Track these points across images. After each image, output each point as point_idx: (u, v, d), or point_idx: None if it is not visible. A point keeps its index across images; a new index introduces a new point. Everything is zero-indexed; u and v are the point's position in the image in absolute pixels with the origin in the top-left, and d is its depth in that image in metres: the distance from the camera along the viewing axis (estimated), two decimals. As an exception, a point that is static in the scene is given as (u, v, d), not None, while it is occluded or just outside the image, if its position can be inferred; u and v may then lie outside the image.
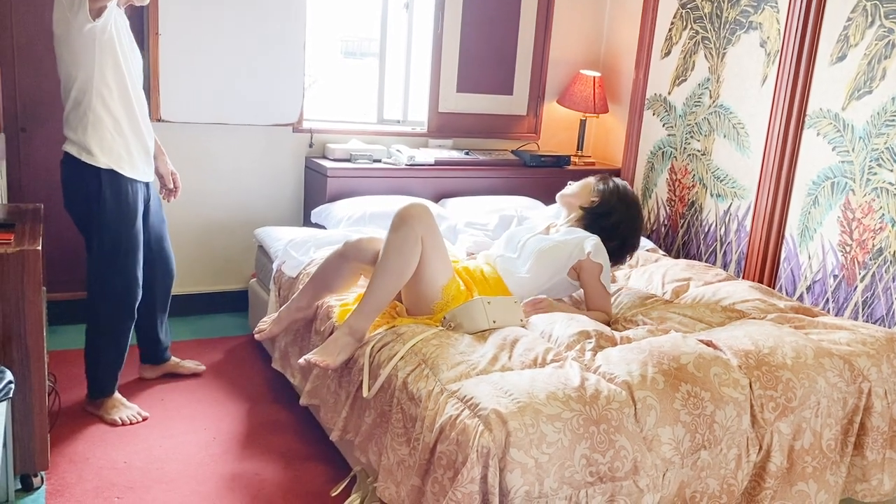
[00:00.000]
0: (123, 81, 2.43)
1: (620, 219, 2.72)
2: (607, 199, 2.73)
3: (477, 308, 2.30)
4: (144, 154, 2.56)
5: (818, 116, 3.19)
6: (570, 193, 2.80)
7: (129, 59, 2.46)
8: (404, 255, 2.30)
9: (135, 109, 2.49)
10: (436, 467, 1.81)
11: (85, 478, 2.33)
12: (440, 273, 2.38)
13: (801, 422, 2.13)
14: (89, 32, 2.30)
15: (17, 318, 2.09)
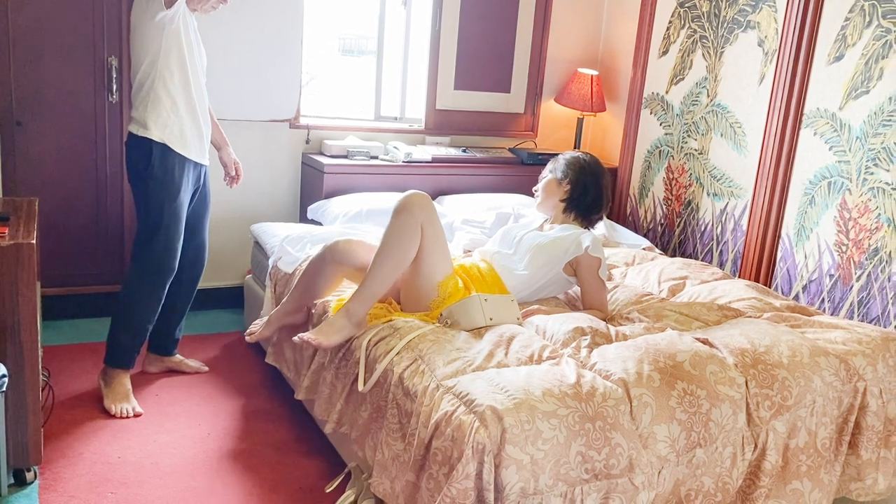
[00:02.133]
0: (185, 70, 2.59)
1: (598, 191, 2.75)
2: (577, 180, 2.73)
3: (474, 305, 2.30)
4: (198, 138, 2.69)
5: (815, 116, 3.20)
6: (543, 199, 2.80)
7: (194, 52, 2.64)
8: (403, 241, 2.29)
9: (193, 96, 2.63)
10: (431, 463, 1.80)
11: (78, 472, 2.33)
12: (438, 268, 2.38)
13: (796, 420, 2.14)
14: (160, 21, 2.48)
15: (10, 311, 2.08)
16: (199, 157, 2.71)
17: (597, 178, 2.75)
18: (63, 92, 3.22)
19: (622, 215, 4.29)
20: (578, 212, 2.75)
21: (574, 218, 2.76)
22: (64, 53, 3.19)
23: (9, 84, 3.11)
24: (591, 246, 2.57)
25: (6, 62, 3.09)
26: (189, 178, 2.69)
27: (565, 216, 2.76)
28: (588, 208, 2.75)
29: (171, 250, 2.69)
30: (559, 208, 2.76)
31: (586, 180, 2.74)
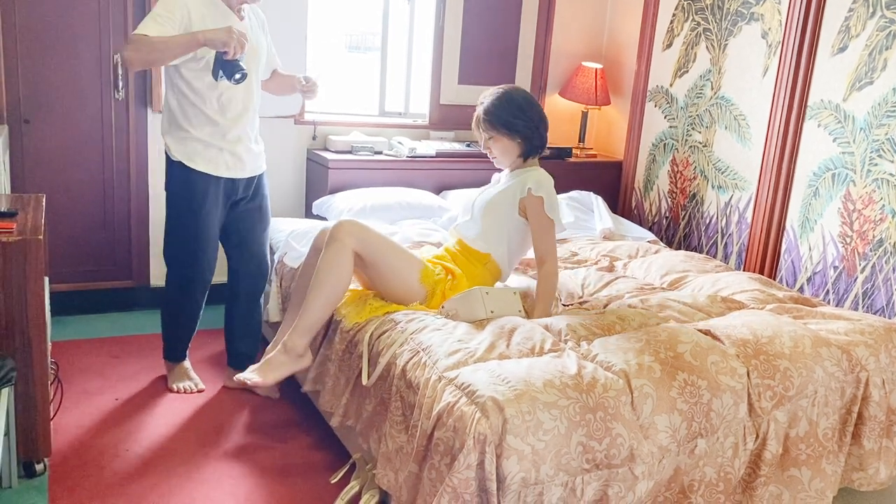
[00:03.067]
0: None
1: (543, 121, 2.59)
2: (527, 127, 2.53)
3: (475, 298, 2.31)
4: (229, 154, 2.64)
5: (819, 108, 3.19)
6: (504, 160, 2.61)
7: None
8: (334, 271, 2.34)
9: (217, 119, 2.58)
10: (433, 454, 1.82)
11: (87, 464, 2.36)
12: (406, 271, 2.42)
13: (797, 410, 2.14)
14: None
15: (18, 306, 2.11)
16: (229, 172, 2.65)
17: (536, 111, 2.56)
18: (70, 89, 3.25)
19: (627, 208, 4.29)
20: (535, 153, 2.61)
21: (532, 158, 2.62)
22: (70, 51, 3.22)
23: (16, 82, 3.14)
24: (534, 186, 2.49)
25: (14, 61, 3.12)
26: (214, 192, 2.65)
27: (522, 161, 2.61)
28: (542, 143, 2.60)
29: (191, 264, 2.71)
30: (519, 162, 2.61)
31: (533, 123, 2.54)
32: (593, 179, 4.18)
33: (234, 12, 2.55)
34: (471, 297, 2.32)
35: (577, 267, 3.04)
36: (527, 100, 2.57)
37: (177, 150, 2.60)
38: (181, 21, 2.43)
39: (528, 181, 2.52)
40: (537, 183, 2.50)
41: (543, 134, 2.59)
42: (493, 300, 2.33)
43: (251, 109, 2.68)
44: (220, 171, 2.63)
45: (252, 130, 2.71)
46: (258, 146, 2.77)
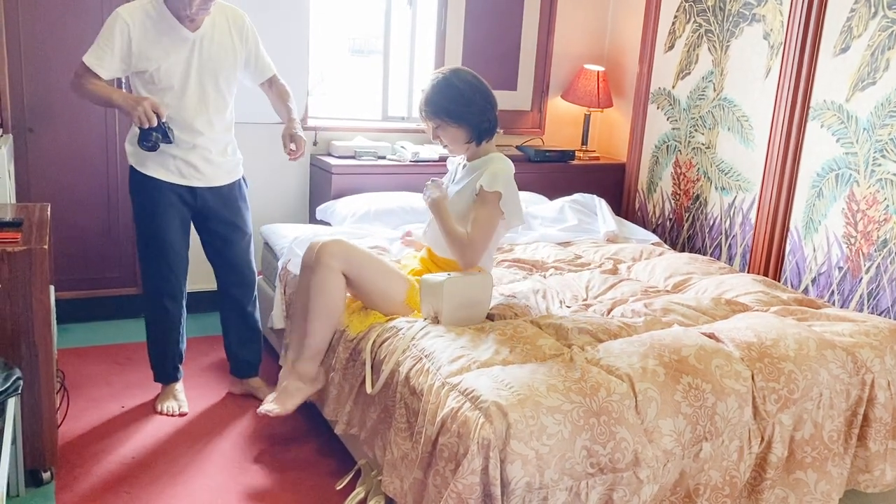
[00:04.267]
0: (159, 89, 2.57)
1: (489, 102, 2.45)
2: (472, 113, 2.41)
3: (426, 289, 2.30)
4: (182, 162, 2.63)
5: (822, 108, 3.19)
6: (455, 148, 2.51)
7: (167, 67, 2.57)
8: (326, 295, 2.35)
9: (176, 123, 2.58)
10: (437, 460, 1.82)
11: (94, 472, 2.37)
12: (394, 289, 2.40)
13: (802, 413, 2.14)
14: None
15: (25, 315, 2.12)
16: (185, 180, 2.64)
17: (481, 94, 2.43)
18: (73, 98, 3.25)
19: (631, 211, 4.29)
20: (487, 136, 2.48)
21: (487, 140, 2.50)
22: (73, 60, 3.20)
23: (20, 92, 3.16)
24: (487, 183, 2.37)
25: (18, 71, 3.14)
26: (173, 200, 2.64)
27: (478, 148, 2.50)
28: (492, 125, 2.47)
29: (157, 274, 2.71)
30: (471, 147, 2.50)
31: (478, 107, 2.41)
32: (596, 182, 4.18)
33: (184, 24, 2.52)
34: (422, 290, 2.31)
35: (580, 270, 3.04)
36: (470, 83, 2.42)
37: (131, 154, 2.64)
38: (120, 46, 2.48)
39: (482, 178, 2.39)
40: (491, 178, 2.37)
41: (491, 117, 2.44)
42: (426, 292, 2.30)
43: (213, 113, 2.64)
44: (172, 177, 2.63)
45: (213, 141, 2.66)
46: (225, 157, 2.72)
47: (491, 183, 2.37)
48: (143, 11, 2.50)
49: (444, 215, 2.41)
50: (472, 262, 2.40)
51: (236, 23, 2.67)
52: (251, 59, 2.74)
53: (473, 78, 2.46)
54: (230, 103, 2.72)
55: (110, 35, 2.47)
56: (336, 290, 2.36)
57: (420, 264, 2.57)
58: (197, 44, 2.56)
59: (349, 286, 2.41)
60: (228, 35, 2.64)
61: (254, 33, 2.73)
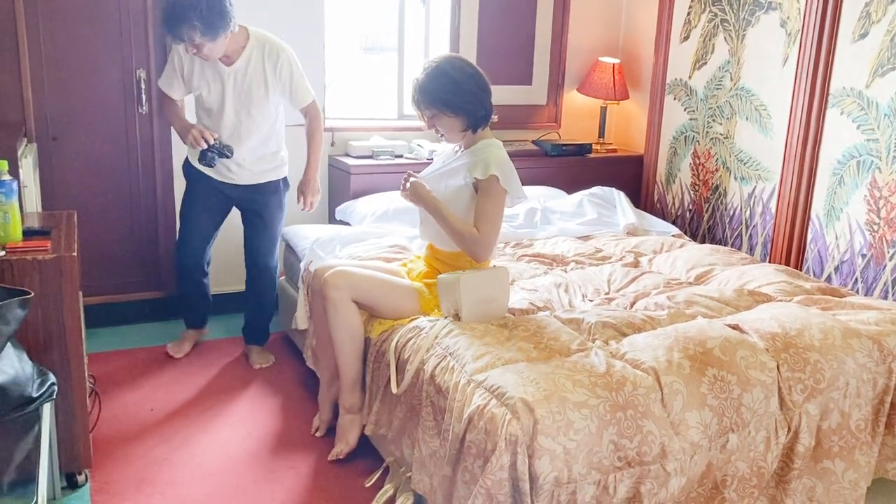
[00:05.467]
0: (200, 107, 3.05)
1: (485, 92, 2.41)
2: (467, 101, 2.38)
3: (443, 288, 2.33)
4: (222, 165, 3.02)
5: (841, 95, 3.16)
6: (452, 137, 2.48)
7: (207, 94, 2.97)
8: (343, 326, 2.40)
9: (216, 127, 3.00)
10: (465, 456, 1.84)
11: (127, 474, 2.41)
12: (406, 304, 2.43)
13: (829, 402, 2.14)
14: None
15: (56, 322, 2.16)
16: (218, 176, 3.05)
17: (474, 82, 2.39)
18: (95, 106, 3.31)
19: (650, 203, 4.28)
20: (484, 122, 2.44)
21: (482, 128, 2.46)
22: (94, 70, 3.28)
23: (43, 102, 3.21)
24: (482, 172, 2.35)
25: (41, 82, 3.18)
26: (209, 190, 3.09)
27: (473, 135, 2.46)
28: (486, 111, 2.43)
29: (179, 242, 3.23)
30: (468, 135, 2.46)
31: (472, 95, 2.38)
32: (614, 175, 4.17)
33: (220, 59, 2.88)
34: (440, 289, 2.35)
35: (601, 263, 3.04)
36: (463, 71, 2.39)
37: (189, 152, 3.10)
38: (178, 70, 2.93)
39: (476, 168, 2.36)
40: (484, 166, 2.35)
41: (486, 104, 2.41)
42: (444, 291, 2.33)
43: (245, 136, 2.99)
44: (212, 172, 3.04)
45: (249, 151, 3.02)
46: (259, 165, 3.07)
47: (485, 171, 2.34)
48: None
49: (442, 214, 2.39)
50: (486, 257, 2.40)
51: (271, 57, 2.93)
52: (286, 90, 3.00)
53: (468, 66, 2.43)
54: (263, 125, 3.02)
55: (171, 62, 2.94)
56: (352, 319, 2.40)
57: (425, 265, 2.57)
58: (231, 77, 2.90)
59: (363, 308, 2.44)
60: (262, 69, 2.93)
61: (289, 66, 2.97)
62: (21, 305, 1.88)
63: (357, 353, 2.43)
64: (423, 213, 2.51)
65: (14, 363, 1.88)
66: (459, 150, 2.52)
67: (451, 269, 2.43)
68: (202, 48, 2.74)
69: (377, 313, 2.45)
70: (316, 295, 2.55)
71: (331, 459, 2.50)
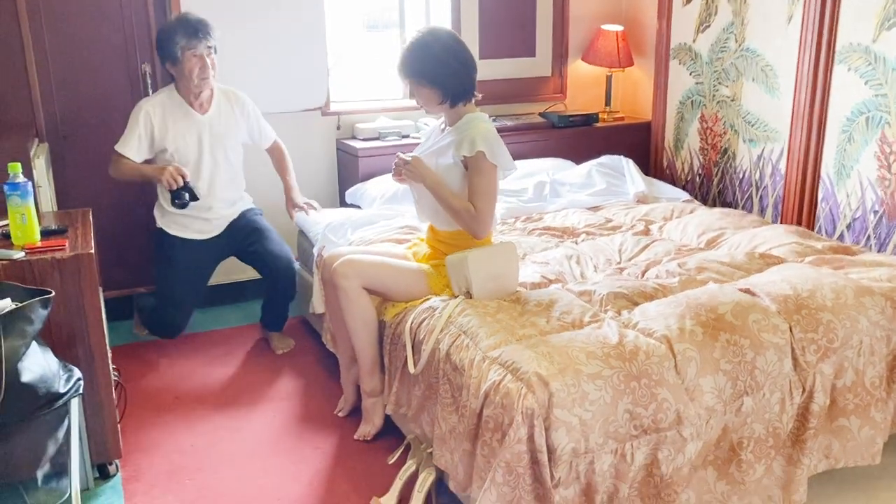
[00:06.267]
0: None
1: (462, 63, 2.39)
2: (445, 75, 2.37)
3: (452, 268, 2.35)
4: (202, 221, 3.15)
5: (848, 51, 3.13)
6: (430, 108, 2.48)
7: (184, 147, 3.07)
8: (356, 313, 2.44)
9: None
10: (483, 431, 1.88)
11: (156, 463, 2.47)
12: (415, 286, 2.45)
13: (843, 361, 2.15)
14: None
15: (78, 318, 2.21)
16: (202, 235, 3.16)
17: (455, 57, 2.37)
18: (102, 102, 3.34)
19: (659, 169, 4.27)
20: (466, 95, 2.42)
21: (464, 103, 2.44)
22: (100, 66, 3.31)
23: (52, 101, 3.24)
24: (468, 148, 2.35)
25: (47, 81, 3.21)
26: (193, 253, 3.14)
27: (454, 110, 2.45)
28: (467, 86, 2.41)
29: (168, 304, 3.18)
30: (445, 108, 2.45)
31: (450, 69, 2.36)
32: (622, 143, 4.16)
33: (194, 108, 3.04)
34: (449, 270, 2.37)
35: (612, 233, 3.06)
36: (445, 45, 2.37)
37: (160, 219, 3.17)
38: (145, 132, 2.99)
39: (462, 145, 2.36)
40: (470, 143, 2.35)
41: (465, 79, 2.39)
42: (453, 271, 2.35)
43: (219, 185, 3.13)
44: (194, 235, 3.15)
45: (223, 201, 3.17)
46: (232, 207, 3.22)
47: (471, 147, 2.34)
48: (161, 102, 3.01)
49: (441, 191, 2.40)
50: (485, 233, 2.43)
51: (237, 103, 3.16)
52: (254, 131, 3.24)
53: (450, 39, 2.41)
54: (235, 168, 3.20)
55: (136, 124, 2.98)
56: (364, 305, 2.44)
57: (428, 247, 2.59)
58: (207, 125, 3.06)
59: (374, 293, 2.47)
60: (232, 115, 3.14)
61: (254, 109, 3.23)
62: (43, 305, 1.92)
63: (372, 339, 2.46)
64: (419, 194, 2.53)
65: (40, 361, 1.93)
66: (445, 128, 2.52)
67: (452, 249, 2.45)
68: (212, 61, 2.96)
69: (388, 297, 2.48)
70: (327, 284, 2.59)
71: (356, 439, 2.56)
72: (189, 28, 2.89)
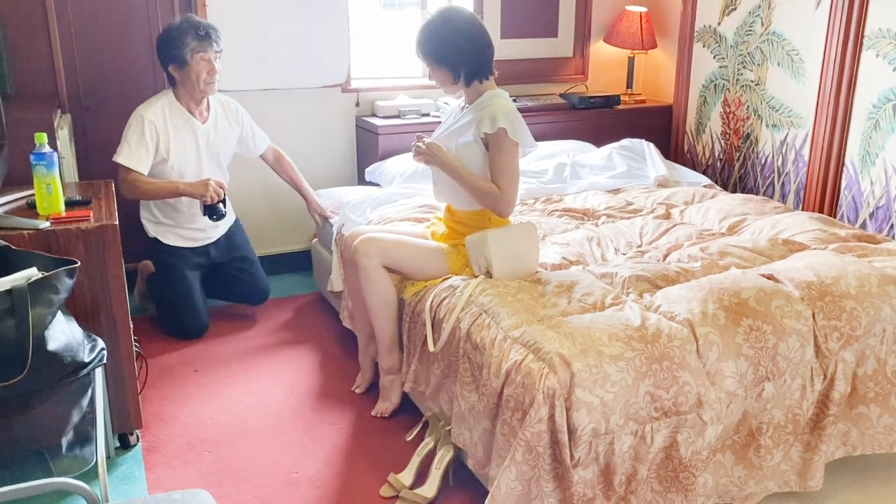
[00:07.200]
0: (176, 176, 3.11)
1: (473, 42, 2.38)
2: (455, 56, 2.38)
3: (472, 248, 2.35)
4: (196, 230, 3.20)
5: (877, 37, 3.09)
6: (445, 88, 2.50)
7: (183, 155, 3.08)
8: (376, 291, 2.44)
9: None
10: (504, 410, 1.89)
11: (176, 434, 2.50)
12: (435, 265, 2.45)
13: (865, 349, 2.14)
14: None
15: (102, 289, 2.22)
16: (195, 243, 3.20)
17: (466, 37, 2.37)
18: (124, 74, 3.35)
19: (680, 153, 4.24)
20: (479, 74, 2.42)
21: (480, 81, 2.44)
22: (122, 37, 3.31)
23: (74, 73, 3.25)
24: (489, 125, 2.34)
25: (71, 53, 3.22)
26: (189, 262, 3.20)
27: (472, 89, 2.46)
28: (481, 62, 2.41)
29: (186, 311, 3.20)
30: (462, 87, 2.46)
31: (455, 49, 2.37)
32: (644, 126, 4.13)
33: (195, 115, 3.04)
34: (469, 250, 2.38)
35: (633, 216, 3.04)
36: (454, 26, 2.37)
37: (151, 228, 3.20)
38: (152, 140, 2.95)
39: (483, 122, 2.36)
40: (490, 120, 2.34)
41: (474, 58, 2.38)
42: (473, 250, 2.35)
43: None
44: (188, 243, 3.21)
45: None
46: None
47: (492, 124, 2.33)
48: (161, 109, 2.98)
49: (461, 174, 2.40)
50: (510, 211, 2.43)
51: (230, 110, 3.19)
52: (247, 136, 3.26)
53: (461, 20, 2.40)
54: (228, 176, 3.25)
55: (141, 134, 2.93)
56: (384, 283, 2.44)
57: (445, 227, 2.59)
58: (204, 134, 3.08)
59: (393, 272, 2.48)
60: (227, 122, 3.17)
61: (246, 115, 3.25)
62: (69, 274, 1.94)
63: (392, 316, 2.47)
64: (437, 175, 2.53)
65: (65, 330, 1.95)
66: (465, 107, 2.52)
67: (469, 230, 2.45)
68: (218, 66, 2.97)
69: (408, 276, 2.48)
70: (347, 262, 2.59)
71: (374, 415, 2.57)
72: (200, 30, 2.89)
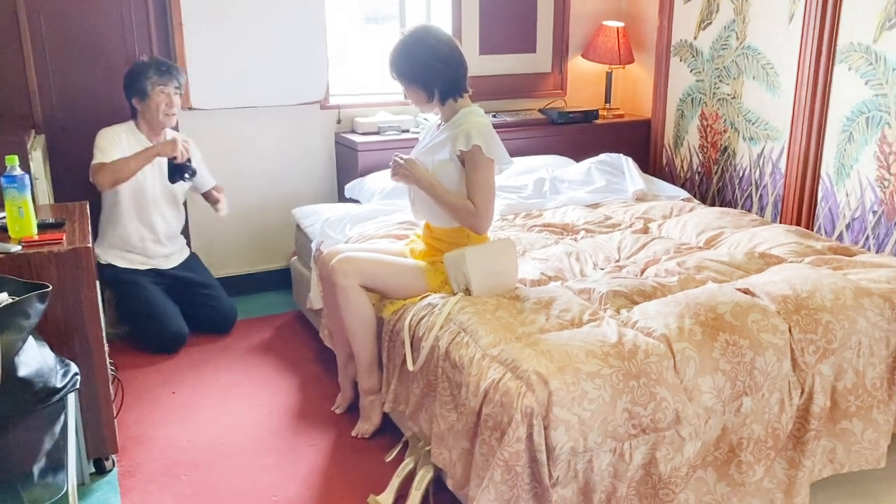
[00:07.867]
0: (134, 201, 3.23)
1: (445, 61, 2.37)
2: (427, 75, 2.37)
3: (451, 265, 2.35)
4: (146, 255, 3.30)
5: (849, 50, 3.13)
6: (420, 107, 2.51)
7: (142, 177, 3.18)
8: (354, 311, 2.43)
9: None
10: (482, 429, 1.87)
11: (152, 458, 2.46)
12: (414, 283, 2.43)
13: (842, 362, 2.15)
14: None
15: (76, 313, 2.19)
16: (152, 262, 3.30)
17: (437, 56, 2.35)
18: (100, 94, 3.32)
19: (658, 167, 4.26)
20: (453, 92, 2.42)
21: (455, 99, 2.43)
22: (97, 57, 3.29)
23: (49, 93, 3.23)
24: (464, 143, 2.34)
25: (45, 73, 3.20)
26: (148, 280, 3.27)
27: (447, 107, 2.45)
28: (455, 81, 2.40)
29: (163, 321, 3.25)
30: (436, 105, 2.45)
31: (427, 68, 2.36)
32: (622, 140, 4.15)
33: (152, 141, 3.15)
34: (447, 266, 2.37)
35: (611, 231, 3.05)
36: (426, 45, 2.35)
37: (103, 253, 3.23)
38: (118, 147, 3.05)
39: (458, 139, 2.35)
40: (465, 137, 2.34)
41: (446, 76, 2.36)
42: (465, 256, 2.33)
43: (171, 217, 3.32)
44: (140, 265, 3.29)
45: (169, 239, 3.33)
46: (177, 242, 3.40)
47: (467, 142, 2.34)
48: (124, 131, 3.13)
49: (437, 191, 2.40)
50: (486, 228, 2.44)
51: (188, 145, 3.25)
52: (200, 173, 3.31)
53: (435, 39, 2.38)
54: (182, 205, 3.38)
55: (111, 140, 3.07)
56: (362, 303, 2.43)
57: (423, 244, 2.58)
58: (159, 163, 3.14)
59: (372, 291, 2.47)
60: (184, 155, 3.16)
61: (198, 153, 3.33)
62: (40, 299, 1.91)
63: (370, 337, 2.46)
64: (414, 193, 2.53)
65: (36, 356, 1.92)
66: (441, 124, 2.52)
67: (448, 247, 2.45)
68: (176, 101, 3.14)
69: (387, 295, 2.47)
70: (325, 281, 2.58)
71: (354, 436, 2.55)
72: (162, 66, 3.11)
